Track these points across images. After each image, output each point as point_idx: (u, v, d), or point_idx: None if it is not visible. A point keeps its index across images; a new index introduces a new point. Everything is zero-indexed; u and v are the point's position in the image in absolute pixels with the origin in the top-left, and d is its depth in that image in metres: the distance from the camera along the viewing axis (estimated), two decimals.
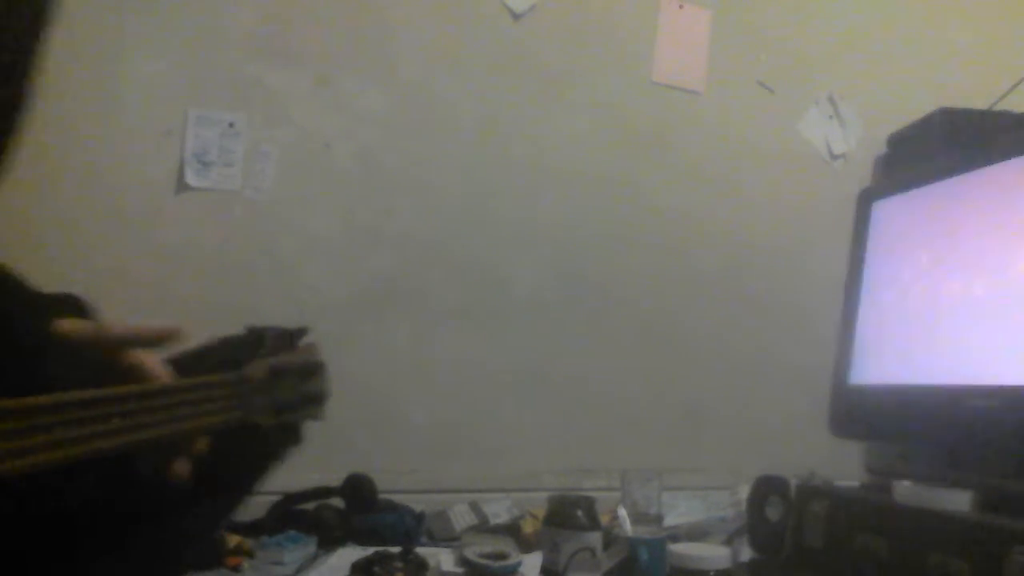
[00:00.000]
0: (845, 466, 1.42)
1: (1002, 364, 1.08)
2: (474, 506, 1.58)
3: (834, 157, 1.99)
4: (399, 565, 1.24)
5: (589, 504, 1.20)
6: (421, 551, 1.31)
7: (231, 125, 1.75)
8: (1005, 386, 1.06)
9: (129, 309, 1.68)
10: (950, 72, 1.99)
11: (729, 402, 1.88)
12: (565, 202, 1.87)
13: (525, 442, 1.81)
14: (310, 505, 1.50)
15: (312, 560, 1.35)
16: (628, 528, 1.26)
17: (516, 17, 1.86)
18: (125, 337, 0.69)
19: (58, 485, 0.67)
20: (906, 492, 1.10)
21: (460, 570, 1.26)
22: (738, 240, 1.93)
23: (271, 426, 0.75)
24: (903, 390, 1.24)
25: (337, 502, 1.52)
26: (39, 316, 0.72)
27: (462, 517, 1.55)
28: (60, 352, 0.68)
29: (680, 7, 1.93)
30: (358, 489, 1.51)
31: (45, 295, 0.81)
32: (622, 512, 1.29)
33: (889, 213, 1.38)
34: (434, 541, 1.49)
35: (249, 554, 1.31)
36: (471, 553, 1.28)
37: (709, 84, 1.94)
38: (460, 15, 1.85)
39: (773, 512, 1.30)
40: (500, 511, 1.57)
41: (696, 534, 1.45)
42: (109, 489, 0.69)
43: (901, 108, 1.89)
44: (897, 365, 1.28)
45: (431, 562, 1.28)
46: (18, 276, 0.80)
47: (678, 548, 1.15)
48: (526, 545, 1.42)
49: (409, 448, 1.75)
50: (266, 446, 0.81)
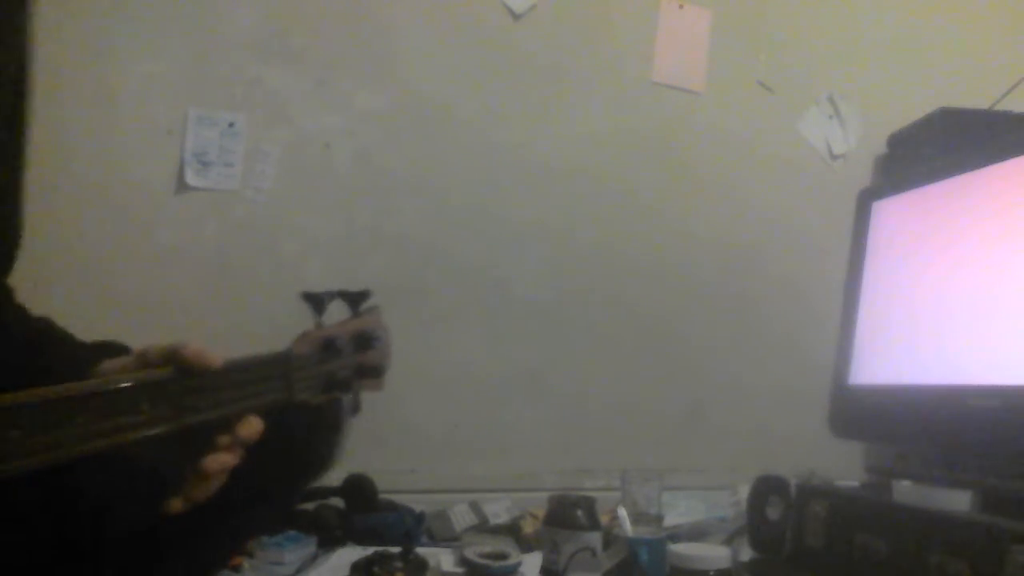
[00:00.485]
0: (845, 466, 1.42)
1: (1002, 364, 1.08)
2: (474, 506, 1.58)
3: (834, 157, 1.99)
4: (399, 565, 1.24)
5: (589, 504, 1.20)
6: (421, 551, 1.31)
7: (231, 125, 1.75)
8: (1005, 386, 1.06)
9: (129, 309, 1.69)
10: (950, 72, 1.99)
11: (729, 402, 1.88)
12: (565, 202, 1.87)
13: (525, 442, 1.81)
14: (310, 505, 1.50)
15: (312, 560, 1.35)
16: (628, 528, 1.26)
17: (516, 17, 1.86)
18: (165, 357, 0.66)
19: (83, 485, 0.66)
20: (906, 492, 1.10)
21: (460, 570, 1.27)
22: (738, 240, 1.93)
23: (320, 403, 0.71)
24: (903, 390, 1.24)
25: (337, 502, 1.52)
26: (82, 366, 0.70)
27: (462, 517, 1.55)
28: None
29: (680, 7, 1.93)
30: (358, 489, 1.51)
31: (87, 344, 0.80)
32: (622, 512, 1.29)
33: (889, 213, 1.38)
34: (434, 541, 1.49)
35: (249, 554, 1.30)
36: (471, 553, 1.28)
37: (709, 84, 1.94)
38: (460, 15, 1.85)
39: (773, 512, 1.30)
40: (500, 511, 1.57)
41: (696, 534, 1.45)
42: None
43: (901, 108, 1.89)
44: (897, 365, 1.28)
45: (431, 562, 1.28)
46: (61, 331, 0.80)
47: (678, 548, 1.15)
48: (526, 545, 1.42)
49: (409, 448, 1.75)
50: (318, 422, 0.79)
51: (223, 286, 1.74)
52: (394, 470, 1.66)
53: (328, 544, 1.42)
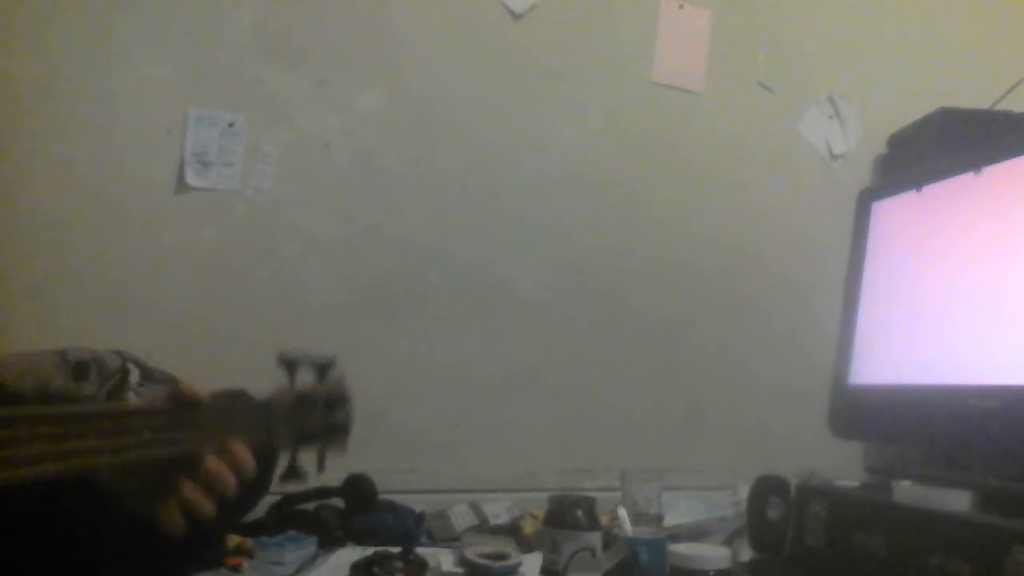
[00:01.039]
0: (845, 466, 1.42)
1: (1002, 364, 1.08)
2: (474, 506, 1.58)
3: (834, 157, 1.99)
4: (399, 565, 1.24)
5: (589, 504, 1.20)
6: (421, 551, 1.31)
7: (231, 125, 1.75)
8: (1005, 386, 1.06)
9: (129, 309, 1.69)
10: (950, 72, 1.99)
11: (729, 402, 1.88)
12: (565, 202, 1.87)
13: (525, 442, 1.81)
14: (310, 505, 1.50)
15: (312, 560, 1.35)
16: (628, 528, 1.25)
17: (516, 17, 1.86)
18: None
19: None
20: (906, 492, 1.10)
21: (460, 570, 1.27)
22: (738, 240, 1.93)
23: (291, 453, 0.77)
24: (903, 390, 1.24)
25: (337, 502, 1.52)
26: None
27: (462, 517, 1.55)
28: None
29: (680, 7, 1.93)
30: (358, 489, 1.51)
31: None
32: (622, 512, 1.29)
33: (889, 213, 1.38)
34: (434, 541, 1.49)
35: (249, 554, 1.30)
36: (471, 553, 1.28)
37: (709, 84, 1.94)
38: (460, 15, 1.85)
39: (773, 512, 1.30)
40: (500, 511, 1.57)
41: (696, 534, 1.45)
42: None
43: (901, 108, 1.89)
44: (897, 365, 1.28)
45: (431, 562, 1.28)
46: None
47: (678, 548, 1.15)
48: (526, 545, 1.42)
49: (409, 448, 1.75)
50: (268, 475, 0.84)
51: (223, 286, 1.74)
52: (394, 470, 1.66)
53: (328, 544, 1.42)
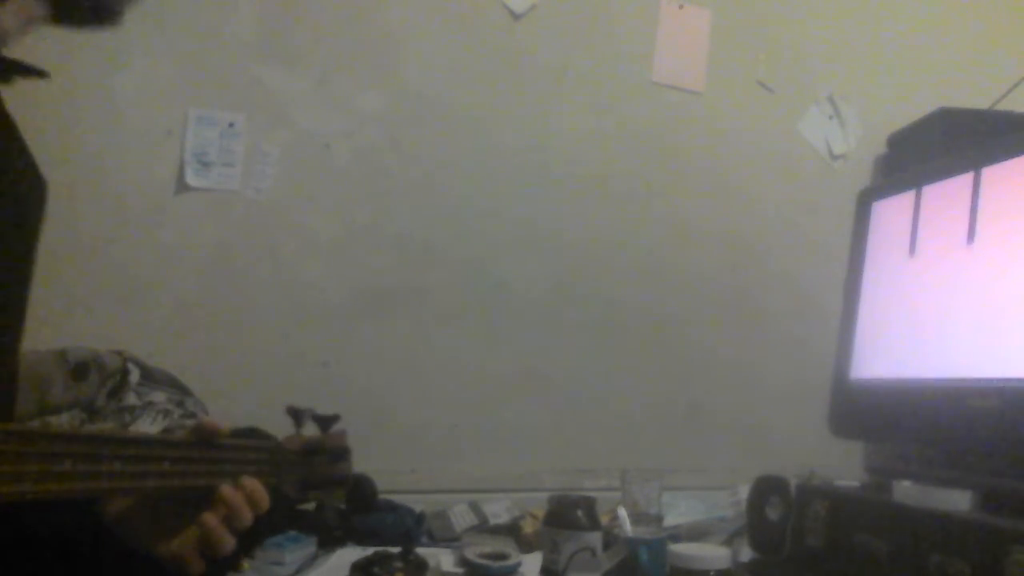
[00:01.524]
0: (845, 466, 1.42)
1: (1002, 363, 1.08)
2: (474, 506, 1.58)
3: (834, 157, 1.99)
4: (399, 565, 1.24)
5: (589, 504, 1.20)
6: (421, 551, 1.31)
7: (231, 125, 1.75)
8: (1006, 386, 1.06)
9: (129, 309, 1.69)
10: (950, 72, 1.99)
11: (729, 402, 1.88)
12: (565, 202, 1.87)
13: (525, 442, 1.81)
14: (310, 505, 1.50)
15: (312, 560, 1.35)
16: (628, 528, 1.25)
17: (516, 17, 1.86)
18: None
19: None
20: (906, 492, 1.10)
21: (460, 570, 1.27)
22: (738, 240, 1.93)
23: (296, 499, 0.82)
24: (903, 390, 1.24)
25: (336, 501, 1.51)
26: None
27: (462, 517, 1.55)
28: None
29: (680, 7, 1.93)
30: (358, 489, 1.51)
31: None
32: (622, 512, 1.28)
33: (889, 213, 1.38)
34: (434, 541, 1.49)
35: (249, 555, 1.30)
36: (471, 553, 1.28)
37: (709, 84, 1.94)
38: (460, 15, 1.85)
39: (773, 512, 1.30)
40: (500, 511, 1.57)
41: (696, 534, 1.45)
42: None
43: (901, 108, 1.89)
44: (897, 365, 1.28)
45: (431, 562, 1.28)
46: None
47: (678, 548, 1.14)
48: (526, 545, 1.42)
49: (409, 448, 1.75)
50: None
51: (223, 286, 1.74)
52: (394, 470, 1.66)
53: (328, 544, 1.42)
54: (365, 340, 1.77)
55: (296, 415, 0.86)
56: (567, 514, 1.18)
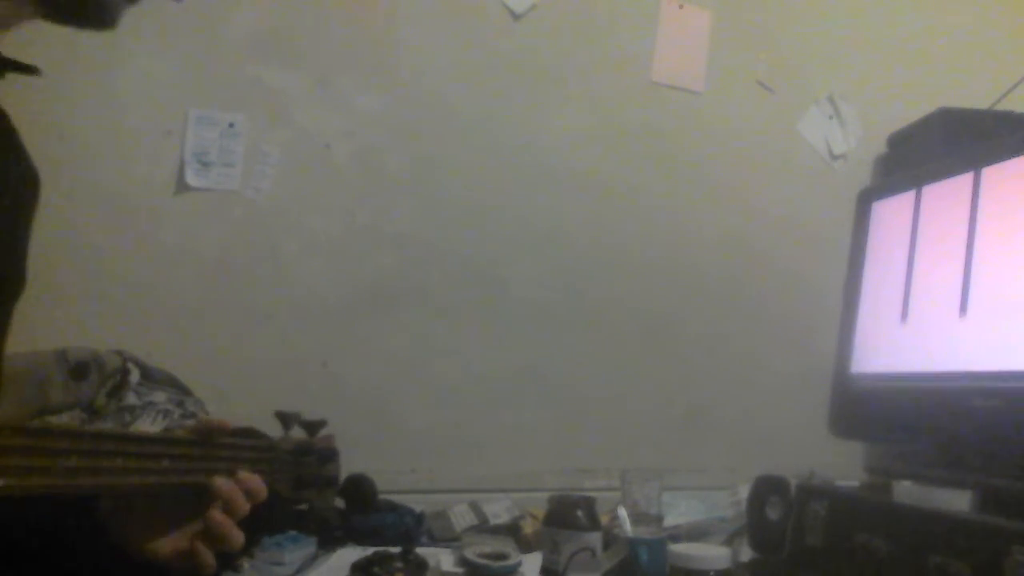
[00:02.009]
0: (845, 466, 1.42)
1: (1003, 363, 1.08)
2: (474, 506, 1.58)
3: (834, 157, 1.99)
4: (399, 565, 1.24)
5: (589, 504, 1.20)
6: (421, 551, 1.31)
7: (231, 125, 1.75)
8: (1006, 386, 1.06)
9: (129, 309, 1.69)
10: (950, 72, 1.99)
11: (729, 402, 1.88)
12: (565, 202, 1.87)
13: (525, 442, 1.81)
14: (302, 506, 1.50)
15: (312, 560, 1.35)
16: (628, 528, 1.25)
17: (516, 17, 1.86)
18: None
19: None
20: (906, 492, 1.10)
21: (460, 570, 1.27)
22: (738, 240, 1.93)
23: (287, 499, 0.83)
24: (903, 390, 1.24)
25: (337, 502, 1.52)
26: None
27: (462, 517, 1.55)
28: None
29: (680, 7, 1.93)
30: (358, 489, 1.51)
31: None
32: (622, 512, 1.28)
33: (889, 213, 1.38)
34: (434, 541, 1.49)
35: (249, 554, 1.30)
36: (471, 553, 1.28)
37: (709, 84, 1.94)
38: (460, 15, 1.85)
39: (773, 512, 1.30)
40: (500, 511, 1.57)
41: (696, 534, 1.45)
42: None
43: (901, 108, 1.89)
44: (897, 365, 1.28)
45: (431, 562, 1.28)
46: None
47: (678, 548, 1.14)
48: (526, 545, 1.42)
49: (409, 448, 1.75)
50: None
51: (223, 286, 1.74)
52: (394, 470, 1.66)
53: (328, 544, 1.42)
54: (365, 340, 1.77)
55: (284, 419, 0.88)
56: (567, 514, 1.18)
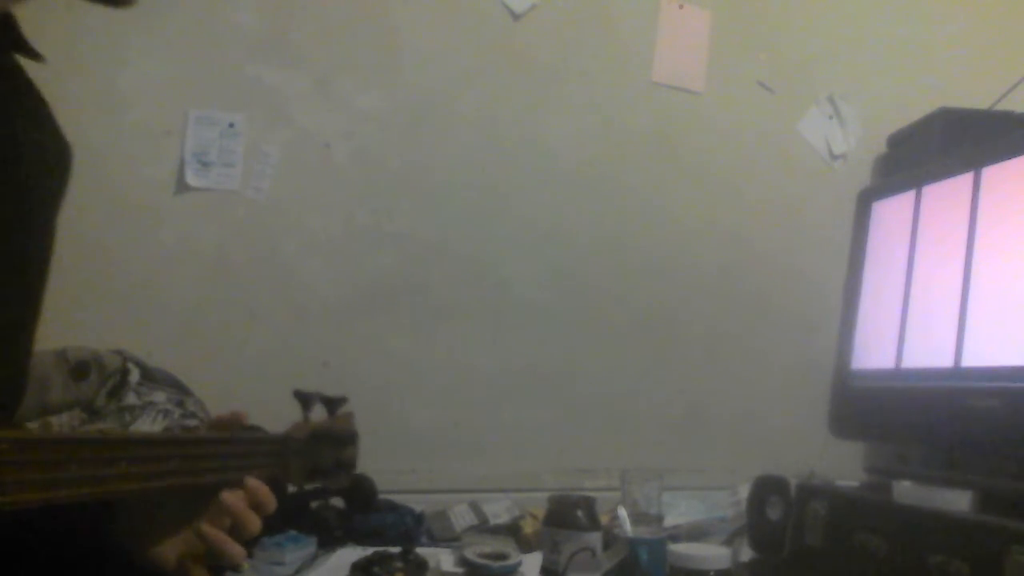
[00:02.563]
0: (845, 466, 1.42)
1: (1003, 363, 1.08)
2: (474, 506, 1.58)
3: (834, 157, 1.99)
4: (399, 565, 1.24)
5: (589, 504, 1.20)
6: (421, 551, 1.31)
7: (231, 125, 1.75)
8: (1006, 386, 1.06)
9: (129, 309, 1.69)
10: (950, 72, 1.99)
11: (729, 402, 1.88)
12: (565, 202, 1.87)
13: (525, 442, 1.81)
14: (313, 504, 1.50)
15: (312, 560, 1.35)
16: (628, 528, 1.25)
17: (516, 17, 1.86)
18: None
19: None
20: (906, 492, 1.10)
21: (460, 570, 1.27)
22: (738, 240, 1.93)
23: (302, 488, 0.82)
24: (903, 390, 1.24)
25: (337, 502, 1.52)
26: None
27: (462, 517, 1.55)
28: None
29: (680, 7, 1.93)
30: (358, 489, 1.50)
31: None
32: (622, 512, 1.29)
33: (889, 213, 1.38)
34: (434, 541, 1.49)
35: (249, 554, 1.30)
36: (471, 553, 1.28)
37: (709, 84, 1.94)
38: (460, 15, 1.85)
39: (773, 512, 1.30)
40: (500, 511, 1.57)
41: (696, 534, 1.45)
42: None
43: (901, 108, 1.89)
44: (897, 365, 1.28)
45: (431, 562, 1.28)
46: None
47: (678, 548, 1.15)
48: (526, 545, 1.42)
49: (409, 448, 1.75)
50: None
51: (223, 286, 1.74)
52: (394, 470, 1.66)
53: (328, 544, 1.42)
54: (365, 340, 1.77)
55: (304, 399, 0.86)
56: (567, 514, 1.18)
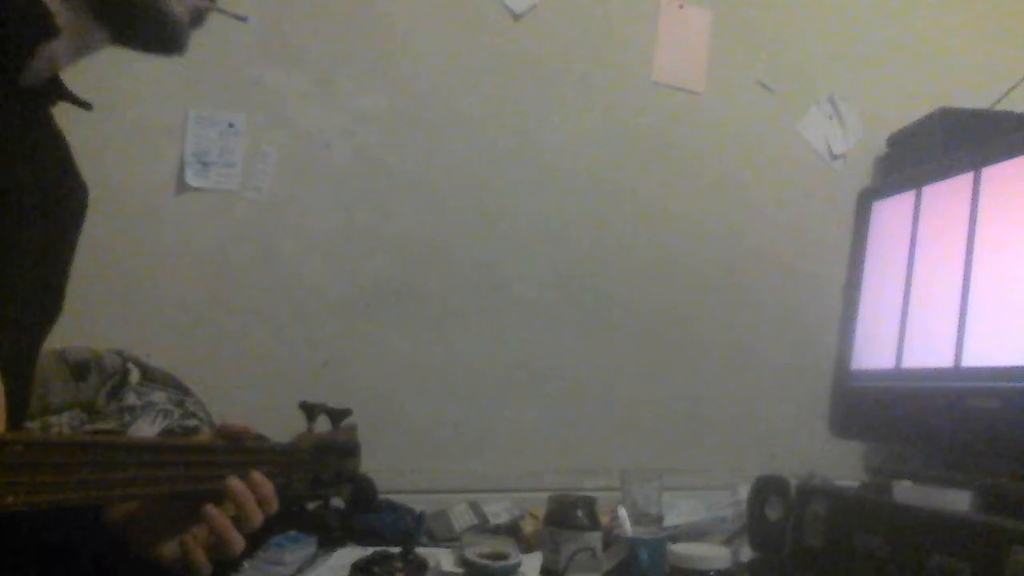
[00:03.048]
0: (845, 466, 1.42)
1: (1003, 363, 1.08)
2: (474, 506, 1.58)
3: (834, 157, 1.99)
4: (399, 565, 1.24)
5: (589, 504, 1.20)
6: (421, 551, 1.31)
7: (231, 125, 1.75)
8: (1006, 386, 1.06)
9: (129, 309, 1.69)
10: (950, 72, 1.99)
11: (729, 402, 1.88)
12: (565, 202, 1.87)
13: (525, 442, 1.81)
14: (310, 505, 1.50)
15: (312, 560, 1.35)
16: (628, 528, 1.26)
17: (516, 17, 1.86)
18: None
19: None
20: (906, 492, 1.10)
21: (460, 570, 1.27)
22: (738, 240, 1.93)
23: (306, 497, 0.84)
24: (903, 390, 1.24)
25: (338, 502, 1.51)
26: None
27: (462, 517, 1.55)
28: None
29: (680, 7, 1.93)
30: (358, 489, 1.50)
31: None
32: (622, 512, 1.29)
33: (889, 213, 1.38)
34: (434, 541, 1.49)
35: (249, 554, 1.30)
36: (471, 553, 1.28)
37: (709, 84, 1.94)
38: (460, 15, 1.85)
39: (773, 512, 1.30)
40: (500, 511, 1.57)
41: (696, 534, 1.45)
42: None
43: (901, 108, 1.89)
44: (897, 365, 1.28)
45: (431, 562, 1.28)
46: None
47: (678, 548, 1.15)
48: (526, 545, 1.42)
49: (409, 448, 1.75)
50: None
51: (223, 286, 1.74)
52: (394, 470, 1.66)
53: (328, 544, 1.42)
54: (365, 340, 1.77)
55: (309, 410, 0.87)
56: (567, 514, 1.18)
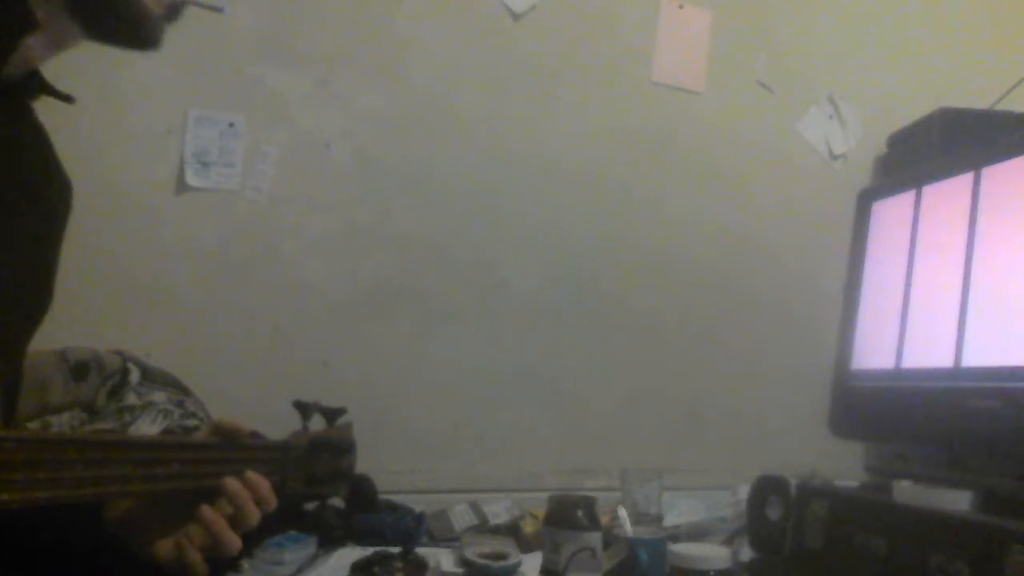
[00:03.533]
0: (845, 466, 1.42)
1: (1003, 363, 1.08)
2: (474, 506, 1.58)
3: (834, 157, 1.99)
4: (399, 565, 1.24)
5: (589, 504, 1.20)
6: (421, 551, 1.31)
7: (231, 125, 1.75)
8: (1006, 386, 1.06)
9: (129, 309, 1.69)
10: (950, 72, 1.99)
11: (729, 402, 1.88)
12: (565, 202, 1.87)
13: (525, 442, 1.81)
14: (310, 505, 1.50)
15: (312, 560, 1.35)
16: (628, 528, 1.26)
17: (516, 17, 1.86)
18: None
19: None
20: (906, 492, 1.10)
21: (460, 570, 1.27)
22: (738, 240, 1.93)
23: (302, 496, 0.84)
24: (903, 390, 1.24)
25: (337, 502, 1.51)
26: None
27: (462, 517, 1.55)
28: None
29: (680, 7, 1.93)
30: (358, 489, 1.50)
31: None
32: (622, 512, 1.29)
33: (889, 213, 1.38)
34: (434, 541, 1.49)
35: (249, 554, 1.30)
36: (471, 553, 1.28)
37: (709, 84, 1.94)
38: (460, 15, 1.85)
39: (773, 512, 1.30)
40: (500, 511, 1.57)
41: (696, 534, 1.45)
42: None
43: (901, 108, 1.89)
44: (897, 365, 1.28)
45: (431, 562, 1.28)
46: None
47: (678, 548, 1.15)
48: (526, 545, 1.42)
49: (409, 448, 1.75)
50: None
51: (223, 286, 1.74)
52: (394, 470, 1.66)
53: (328, 544, 1.42)
54: (365, 340, 1.77)
55: (303, 409, 0.87)
56: (567, 514, 1.18)
